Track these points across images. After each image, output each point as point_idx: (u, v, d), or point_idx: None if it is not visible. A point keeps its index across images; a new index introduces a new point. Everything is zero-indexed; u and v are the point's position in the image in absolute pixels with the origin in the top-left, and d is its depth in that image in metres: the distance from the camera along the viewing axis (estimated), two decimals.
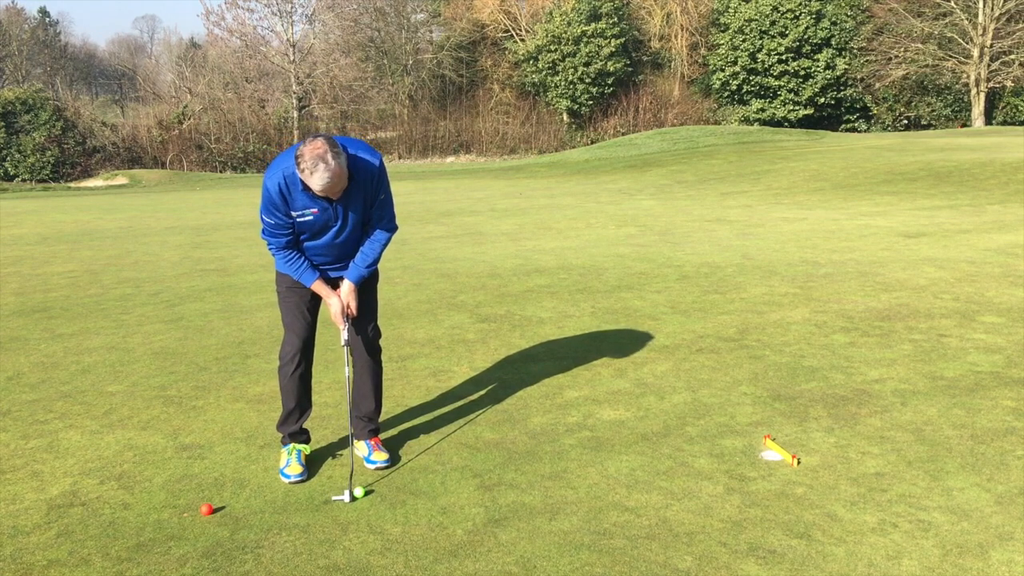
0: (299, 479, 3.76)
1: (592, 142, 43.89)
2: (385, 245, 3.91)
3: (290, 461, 3.86)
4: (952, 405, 4.56)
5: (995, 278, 7.68)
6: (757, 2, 45.10)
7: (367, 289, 4.01)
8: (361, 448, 4.02)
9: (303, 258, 3.82)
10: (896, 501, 3.50)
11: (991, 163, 17.46)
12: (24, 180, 38.84)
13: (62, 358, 5.81)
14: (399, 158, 46.80)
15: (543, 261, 9.22)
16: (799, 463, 3.86)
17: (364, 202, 3.75)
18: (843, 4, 44.74)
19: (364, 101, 48.59)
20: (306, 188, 3.57)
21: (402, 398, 4.84)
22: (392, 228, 3.91)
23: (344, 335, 3.87)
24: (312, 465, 3.94)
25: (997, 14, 40.98)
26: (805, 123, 45.33)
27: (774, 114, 45.87)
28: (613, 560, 3.08)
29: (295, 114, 47.83)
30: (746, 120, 46.00)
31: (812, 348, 5.64)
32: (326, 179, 3.43)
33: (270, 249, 3.84)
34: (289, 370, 3.94)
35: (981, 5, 41.43)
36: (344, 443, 4.20)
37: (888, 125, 44.98)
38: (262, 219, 3.74)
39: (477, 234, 11.81)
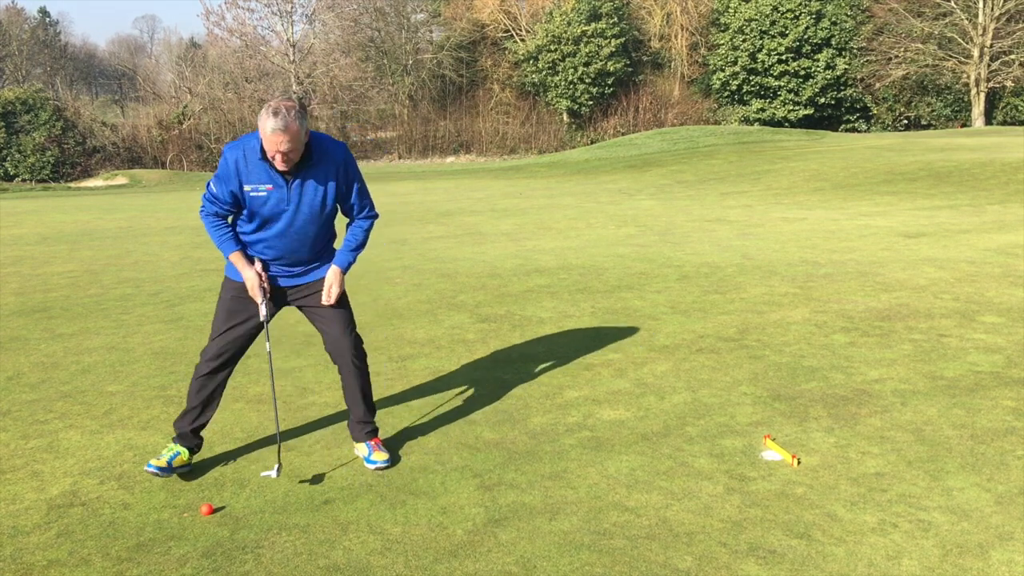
0: (156, 471, 3.67)
1: (592, 142, 43.90)
2: (368, 230, 3.91)
3: (162, 455, 3.77)
4: (952, 405, 4.56)
5: (995, 278, 7.68)
6: (757, 2, 45.11)
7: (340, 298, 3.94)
8: (361, 449, 4.01)
9: (230, 229, 3.76)
10: (896, 501, 3.50)
11: (991, 163, 17.46)
12: (24, 180, 38.85)
13: (62, 358, 5.81)
14: (399, 158, 46.80)
15: (543, 261, 9.22)
16: (799, 463, 3.86)
17: (326, 188, 3.69)
18: (843, 4, 44.74)
19: (364, 101, 48.60)
20: (264, 158, 3.54)
21: (402, 398, 4.84)
22: (374, 215, 3.93)
23: (263, 311, 3.77)
24: (312, 465, 3.93)
25: (997, 14, 41.00)
26: (805, 123, 45.33)
27: (774, 114, 45.87)
28: (613, 560, 3.08)
29: None
30: (746, 120, 46.00)
31: (812, 348, 5.64)
32: (278, 125, 3.39)
33: (200, 213, 3.78)
34: (203, 370, 3.84)
35: (981, 5, 41.44)
36: (342, 444, 4.20)
37: (888, 125, 44.99)
38: (208, 186, 3.70)
39: (477, 234, 11.81)
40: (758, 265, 8.61)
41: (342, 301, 3.96)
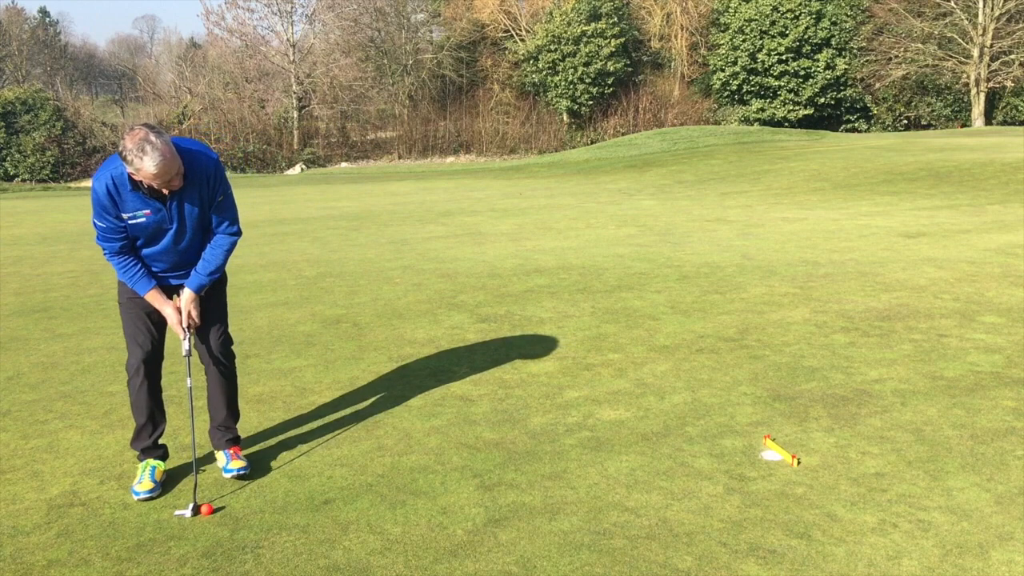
0: (148, 496, 3.63)
1: (592, 142, 43.90)
2: (228, 251, 3.78)
3: (142, 478, 3.72)
4: (952, 405, 4.56)
5: (995, 278, 7.68)
6: (757, 2, 45.12)
7: (213, 295, 3.89)
8: (220, 458, 3.90)
9: (140, 265, 3.67)
10: (896, 501, 3.50)
11: (991, 163, 17.46)
12: (24, 180, 38.87)
13: (62, 358, 5.80)
14: (399, 158, 46.81)
15: (543, 261, 9.22)
16: (799, 463, 3.86)
17: (201, 202, 3.63)
18: (843, 4, 44.76)
19: (364, 101, 48.64)
20: (136, 188, 3.45)
21: (402, 398, 4.84)
22: (235, 232, 3.79)
23: (185, 346, 3.73)
24: (312, 465, 3.94)
25: (997, 14, 41.01)
26: (805, 123, 45.35)
27: (774, 114, 45.88)
28: (613, 560, 3.08)
29: (295, 114, 47.88)
30: (746, 120, 46.02)
31: (812, 348, 5.64)
32: (158, 159, 3.29)
33: (105, 256, 3.68)
34: (135, 384, 3.81)
35: (981, 5, 41.46)
36: (343, 444, 4.20)
37: (888, 125, 45.00)
38: (94, 224, 3.59)
39: (477, 234, 11.80)
40: (758, 265, 8.61)
41: (216, 300, 3.92)
